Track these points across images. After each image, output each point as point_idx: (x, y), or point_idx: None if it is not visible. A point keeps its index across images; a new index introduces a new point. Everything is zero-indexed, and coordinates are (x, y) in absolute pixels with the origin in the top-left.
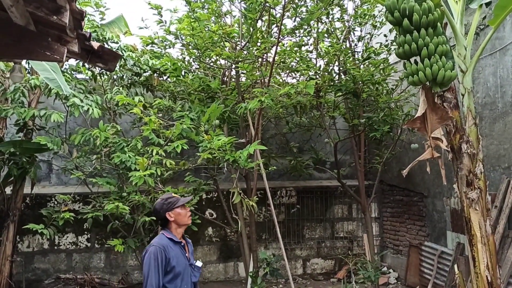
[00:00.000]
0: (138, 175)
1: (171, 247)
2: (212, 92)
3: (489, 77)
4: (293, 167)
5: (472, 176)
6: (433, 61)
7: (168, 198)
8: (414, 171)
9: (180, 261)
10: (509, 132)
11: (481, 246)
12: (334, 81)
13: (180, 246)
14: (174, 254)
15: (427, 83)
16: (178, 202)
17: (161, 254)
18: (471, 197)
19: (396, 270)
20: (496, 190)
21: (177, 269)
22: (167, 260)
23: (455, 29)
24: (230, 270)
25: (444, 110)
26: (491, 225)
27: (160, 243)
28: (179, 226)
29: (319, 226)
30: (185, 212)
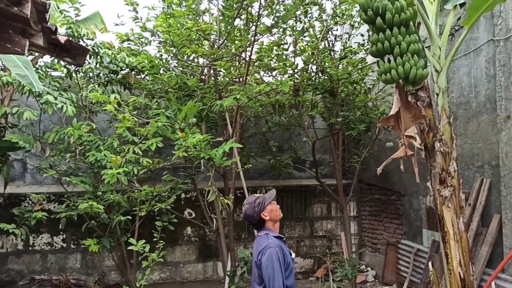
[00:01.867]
0: (111, 173)
1: (282, 245)
2: (189, 90)
3: (463, 77)
4: (272, 166)
5: (445, 174)
6: (406, 59)
7: (255, 201)
8: (392, 170)
9: (289, 255)
10: (482, 132)
11: (454, 243)
12: (312, 80)
13: (284, 241)
14: (286, 249)
15: (400, 81)
16: (266, 201)
17: (281, 253)
18: (444, 195)
19: (374, 268)
20: (470, 188)
21: (291, 264)
22: (285, 259)
23: (430, 30)
24: (209, 270)
25: (417, 109)
26: (464, 223)
27: (275, 243)
28: (275, 221)
29: (298, 225)
30: (275, 207)
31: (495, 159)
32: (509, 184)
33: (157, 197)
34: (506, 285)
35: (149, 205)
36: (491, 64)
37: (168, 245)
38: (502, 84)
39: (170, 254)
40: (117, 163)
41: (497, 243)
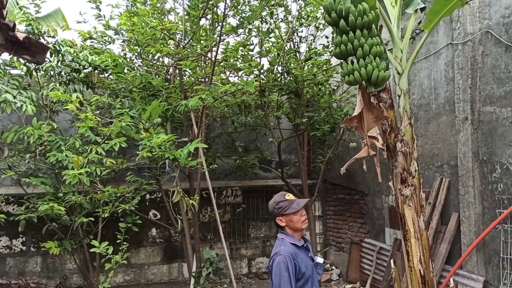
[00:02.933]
0: (73, 173)
1: (297, 253)
2: (154, 90)
3: (424, 79)
4: (238, 167)
5: (406, 173)
6: (368, 61)
7: (279, 202)
8: (356, 170)
9: (307, 264)
10: (442, 132)
11: (415, 241)
12: (277, 81)
13: (304, 248)
14: (301, 259)
15: (363, 82)
16: (289, 208)
17: (291, 263)
18: (405, 194)
19: (338, 267)
20: (430, 187)
21: (307, 273)
22: (297, 268)
23: (392, 33)
24: (174, 271)
25: (380, 110)
26: (425, 221)
27: (287, 251)
28: (294, 230)
29: (264, 225)
30: (298, 217)
31: (454, 159)
32: (466, 183)
33: (121, 198)
34: (463, 281)
35: (113, 206)
36: (450, 67)
37: (133, 246)
38: (460, 86)
39: (135, 256)
40: (78, 164)
41: (455, 241)
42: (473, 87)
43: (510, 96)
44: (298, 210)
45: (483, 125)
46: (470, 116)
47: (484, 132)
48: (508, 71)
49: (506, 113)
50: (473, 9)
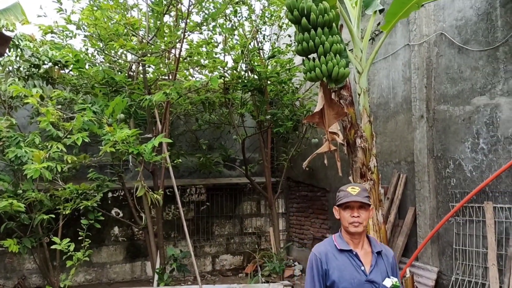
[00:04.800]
0: (34, 168)
1: (333, 255)
2: (117, 86)
3: (383, 79)
4: (202, 164)
5: (365, 168)
6: (329, 58)
7: (340, 190)
8: (318, 167)
9: (347, 274)
10: (399, 130)
11: (373, 233)
12: (241, 78)
13: (350, 255)
14: (337, 264)
15: (324, 79)
16: (340, 200)
17: (317, 263)
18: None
19: (301, 263)
20: (388, 183)
21: (341, 285)
22: (324, 271)
23: (353, 33)
24: (137, 270)
25: (340, 106)
26: (383, 215)
27: (320, 248)
28: (345, 230)
29: (228, 223)
30: (345, 215)
31: (410, 155)
32: (422, 178)
33: (82, 195)
34: (419, 271)
35: (74, 203)
36: (407, 67)
37: (94, 245)
38: (417, 86)
39: (96, 254)
40: (40, 158)
41: (412, 233)
42: (428, 86)
43: (462, 95)
44: (346, 204)
45: (437, 123)
46: (425, 114)
47: (439, 129)
48: (460, 71)
49: (458, 112)
50: (429, 11)
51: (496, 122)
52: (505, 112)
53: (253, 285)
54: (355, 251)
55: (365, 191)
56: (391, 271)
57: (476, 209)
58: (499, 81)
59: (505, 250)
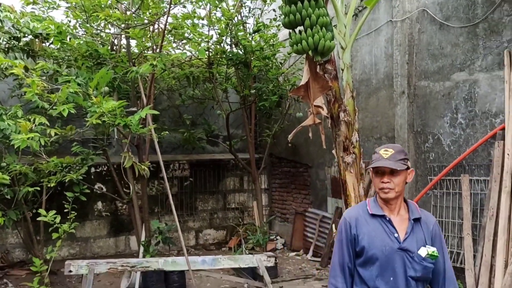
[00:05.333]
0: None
1: (365, 220)
2: (100, 59)
3: (365, 55)
4: (185, 140)
5: (348, 142)
6: (315, 31)
7: (375, 152)
8: (300, 143)
9: (378, 241)
10: (381, 106)
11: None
12: (226, 53)
13: (383, 221)
14: (368, 230)
15: (310, 52)
16: (372, 163)
17: (346, 227)
18: (347, 161)
19: (283, 237)
20: (370, 158)
21: (370, 251)
22: (354, 237)
23: (337, 8)
24: (121, 244)
25: (325, 80)
26: (364, 188)
27: (350, 213)
28: (379, 195)
29: (211, 198)
30: (377, 180)
31: (391, 131)
32: None
33: (67, 168)
34: None
35: (59, 175)
36: (390, 43)
37: (78, 220)
38: (398, 62)
39: (80, 229)
40: (27, 128)
41: None
42: (410, 62)
43: (443, 71)
44: (376, 169)
45: (418, 98)
46: (406, 90)
47: (419, 105)
48: (441, 47)
49: (438, 87)
50: None
51: (474, 98)
52: (483, 87)
53: (238, 256)
54: (388, 217)
55: (400, 153)
56: (430, 241)
57: (453, 182)
58: (478, 57)
59: (479, 221)
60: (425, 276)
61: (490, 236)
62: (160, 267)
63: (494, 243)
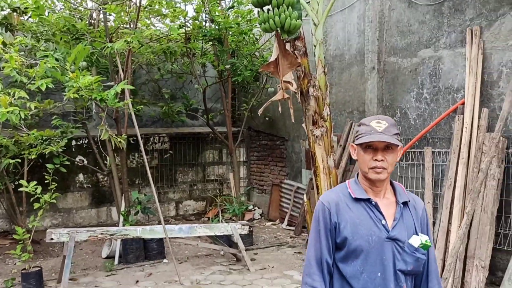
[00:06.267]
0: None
1: (346, 205)
2: (78, 34)
3: (339, 31)
4: (165, 113)
5: (317, 116)
6: (281, 10)
7: (361, 124)
8: (277, 117)
9: (363, 229)
10: (353, 81)
11: (323, 175)
12: (202, 29)
13: (368, 206)
14: (351, 217)
15: (278, 30)
16: (361, 137)
17: (324, 214)
18: (315, 134)
19: (260, 208)
20: (342, 131)
21: (354, 242)
22: (334, 225)
23: None
24: (103, 215)
25: (293, 57)
26: (334, 160)
27: (329, 196)
28: (363, 175)
29: (191, 170)
30: (367, 158)
31: (362, 105)
32: None
33: (47, 141)
34: None
35: (40, 148)
36: (362, 20)
37: (60, 192)
38: (370, 38)
39: (62, 200)
40: (6, 102)
41: None
42: (380, 39)
43: (410, 47)
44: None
45: (387, 74)
46: (376, 66)
47: (388, 80)
48: (409, 25)
49: (406, 63)
50: None
51: (439, 74)
52: (446, 64)
53: (214, 225)
54: (374, 201)
55: (394, 127)
56: (420, 227)
57: (417, 154)
58: (443, 35)
59: (440, 190)
60: (416, 270)
61: (447, 204)
62: (138, 235)
63: (451, 210)
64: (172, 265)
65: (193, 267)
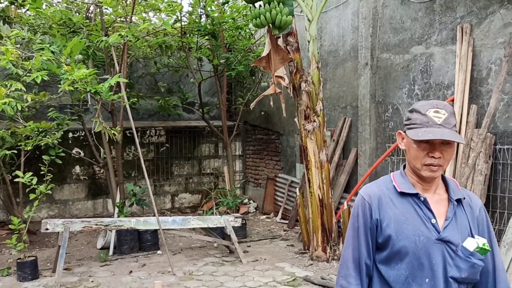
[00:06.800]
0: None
1: (391, 200)
2: (75, 27)
3: (334, 27)
4: (161, 107)
5: (309, 111)
6: (272, 6)
7: (413, 110)
8: (273, 112)
9: (409, 229)
10: (347, 77)
11: (315, 169)
12: (197, 23)
13: (416, 202)
14: (395, 214)
15: (270, 25)
16: (414, 128)
17: (364, 210)
18: (307, 129)
19: (255, 201)
20: (335, 126)
21: (399, 243)
22: (375, 223)
23: None
24: (99, 207)
25: (285, 52)
26: (327, 154)
27: (370, 190)
28: (412, 169)
29: (187, 164)
30: (422, 154)
31: (355, 100)
32: (364, 122)
33: (43, 132)
34: None
35: (35, 140)
36: (356, 16)
37: (56, 183)
38: (363, 34)
39: (59, 192)
40: (1, 94)
41: (353, 172)
42: (374, 35)
43: (403, 44)
44: (424, 140)
45: (380, 70)
46: (370, 62)
47: (381, 76)
48: (402, 21)
49: (398, 60)
50: None
51: (430, 70)
52: (437, 61)
53: (207, 217)
54: (423, 196)
55: (453, 116)
56: (477, 229)
57: None
58: (434, 32)
59: None
60: (471, 278)
61: None
62: (132, 226)
63: None
64: (165, 256)
65: (186, 258)
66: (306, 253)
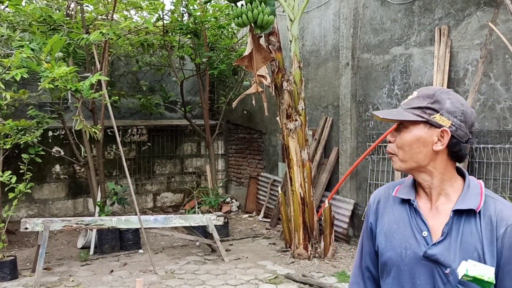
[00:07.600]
0: None
1: (391, 205)
2: (55, 24)
3: (316, 27)
4: (143, 105)
5: (291, 110)
6: (254, 6)
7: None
8: (255, 111)
9: (397, 239)
10: (328, 77)
11: (297, 168)
12: (179, 22)
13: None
14: (388, 220)
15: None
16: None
17: (367, 211)
18: (289, 128)
19: (238, 200)
20: (317, 125)
21: (386, 253)
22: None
23: None
24: (80, 206)
25: (267, 51)
26: (308, 153)
27: (378, 190)
28: None
29: (169, 163)
30: None
31: (337, 100)
32: (345, 121)
33: (22, 131)
34: (339, 204)
35: (15, 138)
36: (337, 17)
37: (36, 182)
38: (344, 35)
39: (38, 191)
40: None
41: (335, 171)
42: (355, 36)
43: (383, 45)
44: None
45: (361, 70)
46: (351, 62)
47: (361, 76)
48: (382, 22)
49: (378, 60)
50: None
51: (409, 70)
52: (416, 61)
53: (189, 216)
54: (415, 202)
55: (424, 99)
56: (495, 254)
57: None
58: (413, 33)
59: None
60: None
61: None
62: (113, 225)
63: None
64: (147, 255)
65: (168, 257)
66: (287, 251)
